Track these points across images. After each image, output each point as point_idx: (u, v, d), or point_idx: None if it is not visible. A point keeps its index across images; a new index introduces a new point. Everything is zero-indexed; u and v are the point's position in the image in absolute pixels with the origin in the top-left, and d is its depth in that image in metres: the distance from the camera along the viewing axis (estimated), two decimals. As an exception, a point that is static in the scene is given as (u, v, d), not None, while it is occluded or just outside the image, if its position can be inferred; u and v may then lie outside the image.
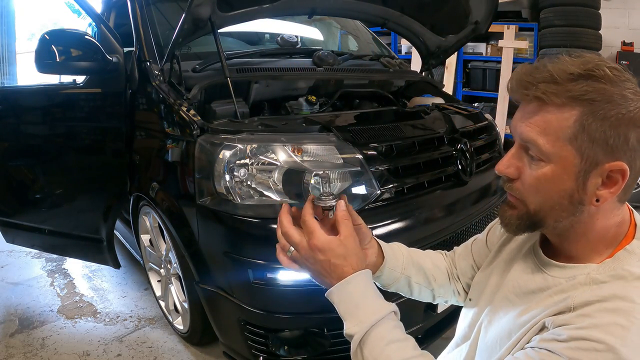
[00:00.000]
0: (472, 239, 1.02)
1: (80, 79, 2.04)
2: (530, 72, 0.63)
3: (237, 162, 1.44)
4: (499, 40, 4.52)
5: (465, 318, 0.90)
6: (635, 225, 0.69)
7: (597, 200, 0.64)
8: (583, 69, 0.60)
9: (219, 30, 1.70)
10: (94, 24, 2.10)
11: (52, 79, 2.17)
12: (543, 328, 0.65)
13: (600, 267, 0.66)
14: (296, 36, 2.38)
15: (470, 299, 0.90)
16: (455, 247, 1.04)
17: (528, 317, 0.69)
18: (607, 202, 0.64)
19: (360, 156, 1.52)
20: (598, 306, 0.61)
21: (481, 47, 4.68)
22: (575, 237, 0.68)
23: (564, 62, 0.62)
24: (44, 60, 1.74)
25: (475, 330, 0.83)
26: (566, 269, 0.69)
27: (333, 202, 0.78)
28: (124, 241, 2.57)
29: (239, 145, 1.45)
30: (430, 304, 1.64)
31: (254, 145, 1.46)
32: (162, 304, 2.10)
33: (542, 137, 0.62)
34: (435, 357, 0.77)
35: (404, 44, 5.03)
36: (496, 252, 0.88)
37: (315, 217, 0.77)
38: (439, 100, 2.28)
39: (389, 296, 0.82)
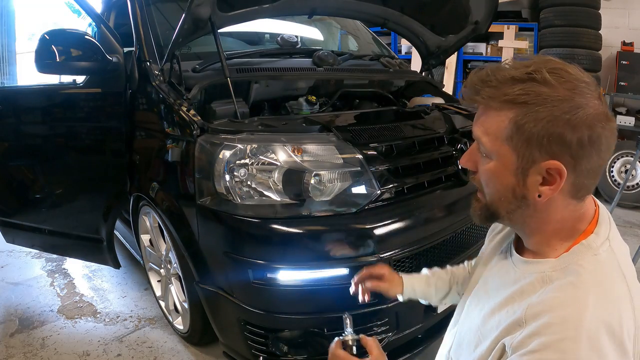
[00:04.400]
0: None
1: (80, 79, 2.03)
2: (480, 78, 0.67)
3: (237, 162, 1.44)
4: (499, 40, 4.52)
5: (458, 306, 0.95)
6: (598, 220, 0.71)
7: (539, 196, 0.67)
8: (524, 72, 0.64)
9: (219, 30, 1.70)
10: (94, 24, 2.10)
11: (52, 79, 2.17)
12: (504, 352, 0.66)
13: (556, 263, 0.68)
14: (296, 36, 2.37)
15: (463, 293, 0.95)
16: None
17: (494, 323, 0.71)
18: (556, 198, 0.67)
19: (360, 156, 1.52)
20: (547, 319, 0.61)
21: (481, 47, 4.68)
22: (531, 231, 0.72)
23: (509, 67, 0.66)
24: (44, 60, 1.74)
25: (459, 319, 0.89)
26: (529, 264, 0.72)
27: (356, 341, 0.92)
28: (124, 241, 2.57)
29: (239, 145, 1.45)
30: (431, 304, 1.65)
31: (254, 145, 1.46)
32: (162, 304, 2.10)
33: (485, 136, 0.68)
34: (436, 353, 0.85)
35: (404, 44, 5.03)
36: (485, 248, 0.92)
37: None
38: (439, 100, 2.28)
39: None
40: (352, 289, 1.12)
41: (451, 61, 4.60)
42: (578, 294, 0.62)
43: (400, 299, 1.11)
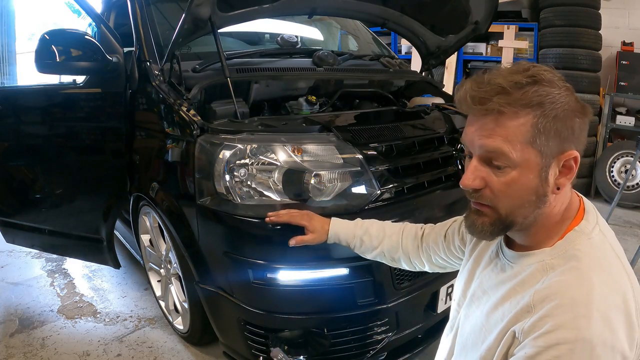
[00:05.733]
0: (451, 221, 1.10)
1: (80, 79, 2.03)
2: (479, 87, 0.67)
3: (237, 162, 1.44)
4: (499, 40, 4.52)
5: (452, 311, 0.95)
6: (584, 208, 0.74)
7: (558, 189, 0.69)
8: (526, 76, 0.65)
9: (219, 30, 1.70)
10: (94, 24, 2.10)
11: (52, 79, 2.17)
12: (514, 339, 0.67)
13: (553, 251, 0.70)
14: (296, 36, 2.37)
15: (454, 299, 0.95)
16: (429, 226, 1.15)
17: (499, 316, 0.72)
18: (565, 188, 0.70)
19: (360, 156, 1.52)
20: (556, 302, 0.63)
21: (481, 47, 4.68)
22: (537, 228, 0.73)
23: (505, 73, 0.67)
24: (44, 60, 1.74)
25: (456, 324, 0.90)
26: (526, 257, 0.73)
27: None
28: (124, 241, 2.57)
29: (239, 145, 1.45)
30: (431, 304, 1.65)
31: (254, 145, 1.46)
32: (162, 304, 2.10)
33: (507, 145, 0.67)
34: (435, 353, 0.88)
35: (404, 44, 5.03)
36: (470, 252, 0.92)
37: None
38: (439, 100, 2.28)
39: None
40: (290, 242, 1.28)
41: (451, 61, 4.60)
42: (582, 275, 0.65)
43: (328, 242, 1.27)
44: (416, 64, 4.44)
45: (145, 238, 2.12)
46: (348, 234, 1.22)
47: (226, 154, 1.45)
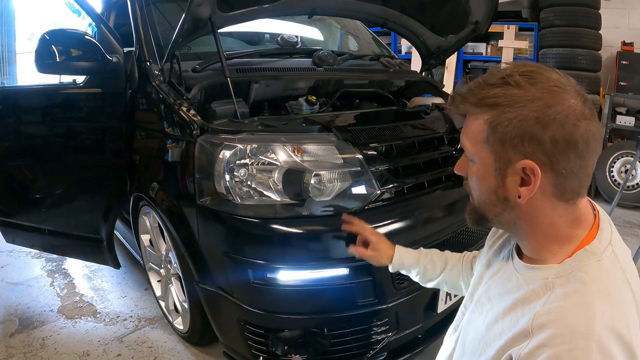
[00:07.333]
0: None
1: (80, 79, 2.03)
2: (462, 90, 0.71)
3: (237, 162, 1.45)
4: (499, 40, 4.52)
5: (458, 311, 0.94)
6: (599, 225, 0.71)
7: (519, 197, 0.67)
8: (498, 77, 0.66)
9: (219, 30, 1.70)
10: (94, 24, 2.10)
11: (52, 79, 2.17)
12: None
13: (560, 269, 0.67)
14: (296, 36, 2.37)
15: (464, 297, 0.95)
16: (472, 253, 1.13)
17: (498, 331, 0.70)
18: (539, 200, 0.67)
19: (360, 156, 1.52)
20: (555, 330, 0.60)
21: (481, 47, 4.68)
22: (524, 235, 0.73)
23: (490, 74, 0.68)
24: (44, 60, 1.74)
25: (460, 326, 0.89)
26: (532, 270, 0.71)
27: None
28: (124, 241, 2.57)
29: (239, 145, 1.45)
30: (431, 304, 1.65)
31: (254, 145, 1.46)
32: (162, 304, 2.10)
33: (467, 141, 0.71)
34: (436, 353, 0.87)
35: (404, 44, 5.03)
36: (485, 255, 0.91)
37: None
38: (439, 100, 2.28)
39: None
40: (350, 250, 1.28)
41: (451, 61, 4.60)
42: (584, 301, 0.61)
43: (390, 269, 1.21)
44: (416, 64, 4.44)
45: (145, 238, 2.12)
46: (412, 261, 1.19)
47: (226, 154, 1.45)
